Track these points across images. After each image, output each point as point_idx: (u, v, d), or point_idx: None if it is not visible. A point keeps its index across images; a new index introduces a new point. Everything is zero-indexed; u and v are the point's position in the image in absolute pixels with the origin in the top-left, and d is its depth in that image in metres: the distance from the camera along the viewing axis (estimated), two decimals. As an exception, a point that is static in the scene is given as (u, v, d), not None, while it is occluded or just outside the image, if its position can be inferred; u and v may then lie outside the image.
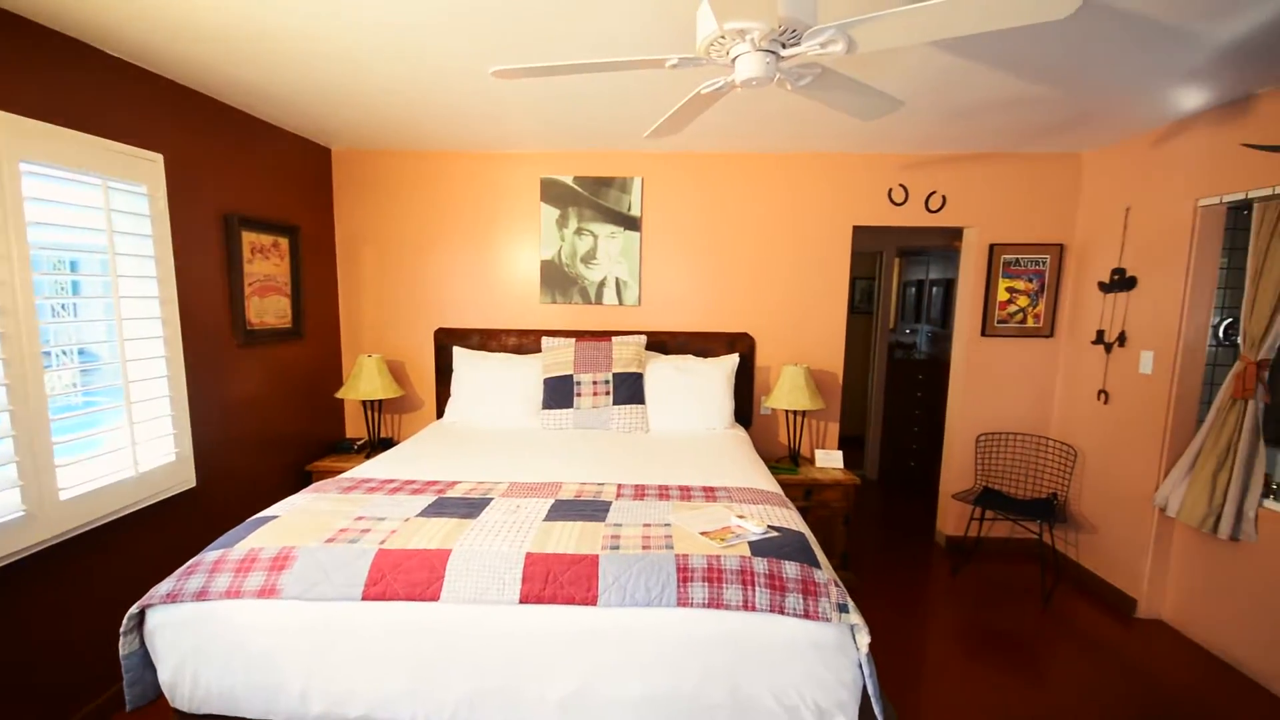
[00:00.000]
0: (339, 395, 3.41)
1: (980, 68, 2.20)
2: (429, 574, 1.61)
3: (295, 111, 2.87)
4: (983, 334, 3.60)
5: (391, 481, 2.25)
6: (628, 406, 3.13)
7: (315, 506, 1.98)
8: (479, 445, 2.80)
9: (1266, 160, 2.40)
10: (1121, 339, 3.12)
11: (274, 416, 3.12)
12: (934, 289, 5.86)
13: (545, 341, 3.35)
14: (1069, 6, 1.12)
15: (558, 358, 3.24)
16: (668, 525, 1.85)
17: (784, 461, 3.46)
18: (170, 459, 2.39)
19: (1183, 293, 2.77)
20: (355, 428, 3.80)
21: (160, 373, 2.36)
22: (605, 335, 3.46)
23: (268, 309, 3.03)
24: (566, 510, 1.97)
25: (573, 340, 3.31)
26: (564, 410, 3.14)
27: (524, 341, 3.62)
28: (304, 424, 3.39)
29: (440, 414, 3.64)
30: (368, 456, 3.36)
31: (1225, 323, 2.85)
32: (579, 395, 3.15)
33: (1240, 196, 2.51)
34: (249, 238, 2.86)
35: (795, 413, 3.51)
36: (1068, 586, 3.29)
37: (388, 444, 3.55)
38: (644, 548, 1.69)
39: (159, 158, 2.33)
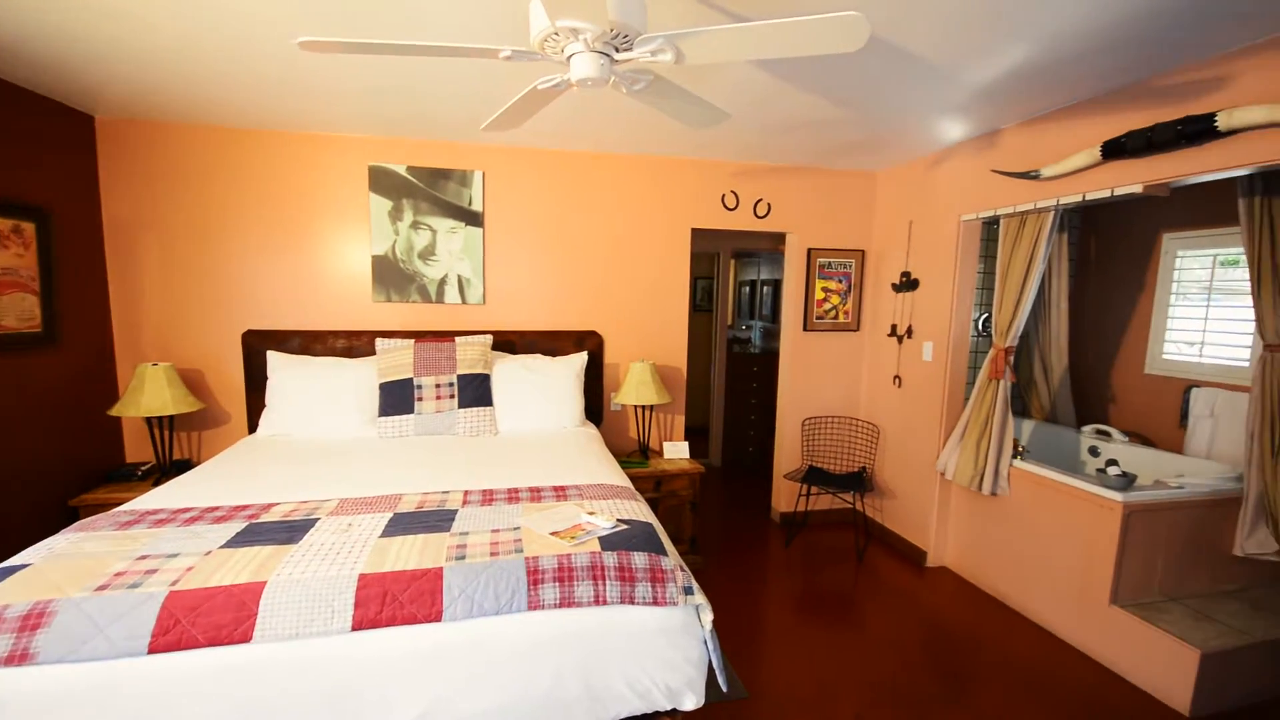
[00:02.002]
0: (113, 413, 2.84)
1: (793, 89, 2.44)
2: (237, 613, 1.41)
3: (42, 67, 2.34)
4: (804, 329, 4.01)
5: (188, 510, 1.93)
6: (474, 409, 3.01)
7: (82, 549, 1.63)
8: (302, 461, 2.51)
9: (1010, 184, 2.96)
10: (909, 332, 3.66)
11: (19, 442, 2.53)
12: (765, 288, 6.40)
13: (380, 343, 3.10)
14: (857, 42, 1.28)
15: (395, 360, 3.02)
16: (517, 529, 1.81)
17: (634, 455, 3.56)
18: None
19: (952, 293, 3.32)
20: (139, 450, 3.20)
21: None
22: (448, 335, 3.29)
23: (6, 309, 2.44)
24: (407, 523, 1.84)
25: (411, 341, 3.10)
26: (404, 416, 2.93)
27: (355, 344, 3.31)
28: (65, 449, 2.79)
29: (253, 428, 3.21)
30: (157, 483, 2.85)
31: (983, 317, 3.47)
32: (420, 400, 2.96)
33: (991, 213, 3.06)
34: (-27, 221, 2.28)
35: (644, 407, 3.63)
36: (876, 546, 3.79)
37: (185, 467, 3.04)
38: (492, 555, 1.64)
39: None
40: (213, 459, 2.58)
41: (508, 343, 3.49)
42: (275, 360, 3.02)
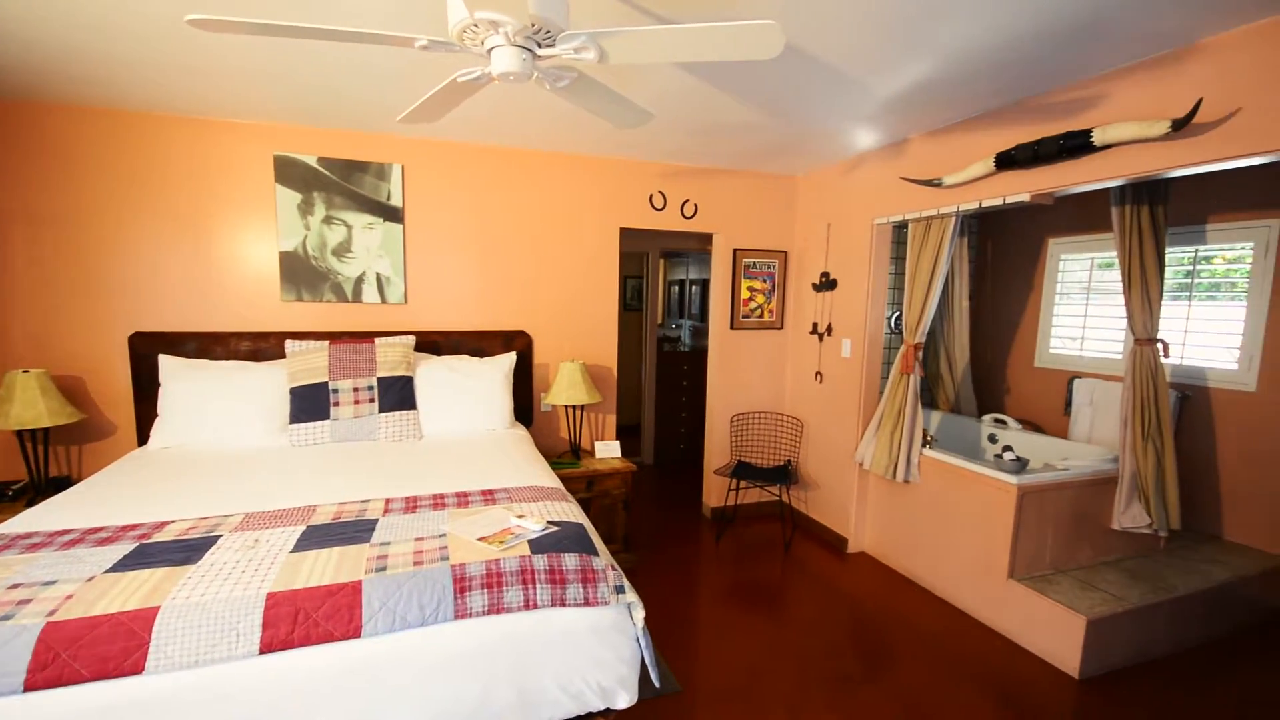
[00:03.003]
0: (-25, 427, 2.52)
1: (717, 92, 2.49)
2: (127, 642, 1.28)
3: None
4: (731, 327, 4.11)
5: (67, 533, 1.74)
6: (397, 413, 2.88)
7: (-69, 583, 1.44)
8: (201, 474, 2.31)
9: (916, 190, 3.15)
10: (829, 330, 3.83)
11: None
12: (693, 288, 6.52)
13: (290, 345, 2.91)
14: (773, 50, 1.33)
15: (307, 363, 2.84)
16: (443, 536, 1.75)
17: (566, 456, 3.53)
18: None
19: (867, 292, 3.50)
20: (9, 468, 2.86)
21: None
22: (367, 336, 3.13)
23: None
24: (322, 536, 1.73)
25: (326, 343, 2.93)
26: (319, 423, 2.77)
27: (262, 346, 3.09)
28: (-89, 471, 2.44)
29: (143, 440, 2.93)
30: (30, 504, 2.55)
31: (895, 316, 3.68)
32: (337, 404, 2.81)
33: (900, 218, 3.25)
34: None
35: (575, 407, 3.61)
36: (801, 535, 3.94)
37: (64, 485, 2.74)
38: (416, 564, 1.57)
39: None
40: (96, 475, 2.33)
41: (432, 344, 3.37)
42: (168, 365, 2.77)
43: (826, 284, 3.82)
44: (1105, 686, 2.41)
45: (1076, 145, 2.27)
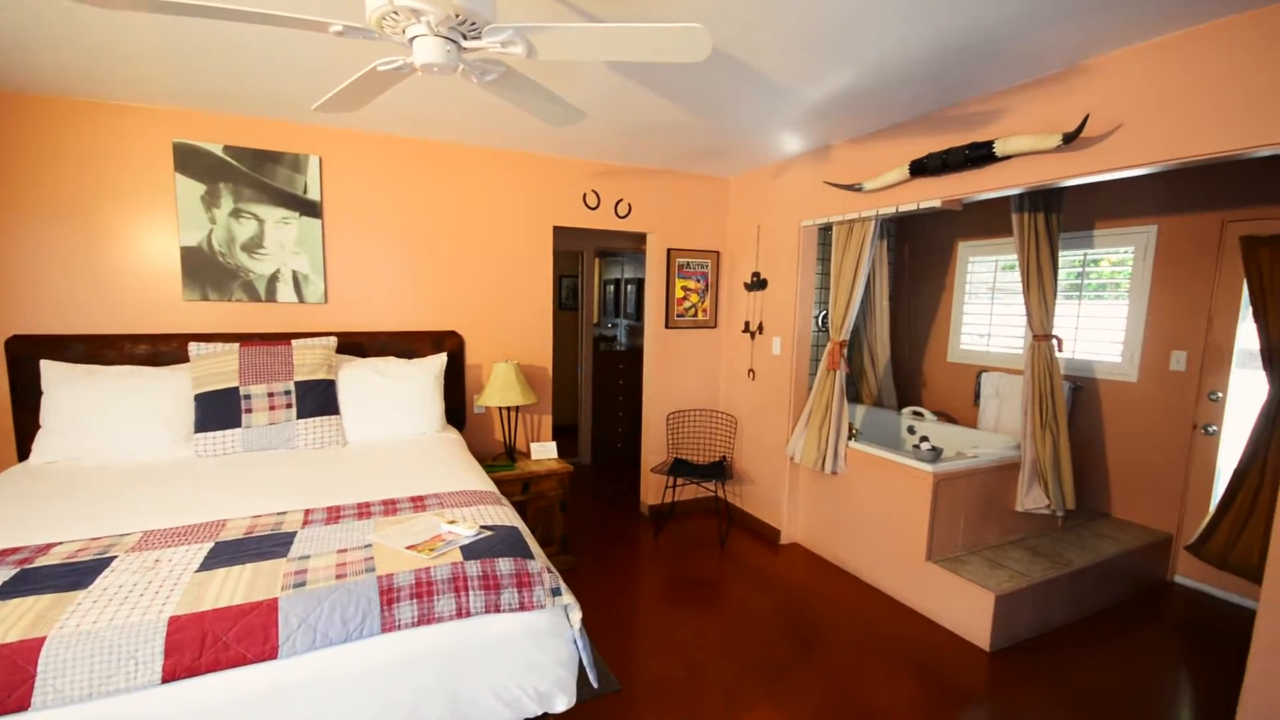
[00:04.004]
0: None
1: (649, 93, 2.51)
2: (9, 676, 1.16)
3: None
4: (666, 326, 4.15)
5: (-76, 562, 1.54)
6: (317, 419, 2.73)
7: None
8: (93, 491, 2.11)
9: (840, 194, 3.28)
10: (760, 328, 3.94)
11: None
12: (629, 287, 6.53)
13: (194, 348, 2.69)
14: (700, 54, 1.35)
15: (215, 367, 2.64)
16: (368, 546, 1.67)
17: (501, 458, 3.46)
18: None
19: (795, 292, 3.63)
20: None
21: None
22: (283, 338, 2.95)
23: None
24: (233, 553, 1.62)
25: (236, 345, 2.74)
26: (229, 431, 2.58)
27: (162, 349, 2.85)
28: None
29: (24, 455, 2.64)
30: (-121, 532, 2.24)
31: (822, 314, 3.83)
32: (250, 411, 2.63)
33: (825, 220, 3.38)
34: None
35: (509, 409, 3.53)
36: (737, 529, 4.03)
37: (-78, 508, 2.43)
38: (339, 577, 1.50)
39: None
40: (-38, 496, 2.08)
41: (356, 345, 3.21)
42: (52, 371, 2.51)
43: (757, 284, 3.92)
44: (1013, 656, 2.60)
45: (981, 155, 2.44)
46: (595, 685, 1.76)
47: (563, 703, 1.65)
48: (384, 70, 1.51)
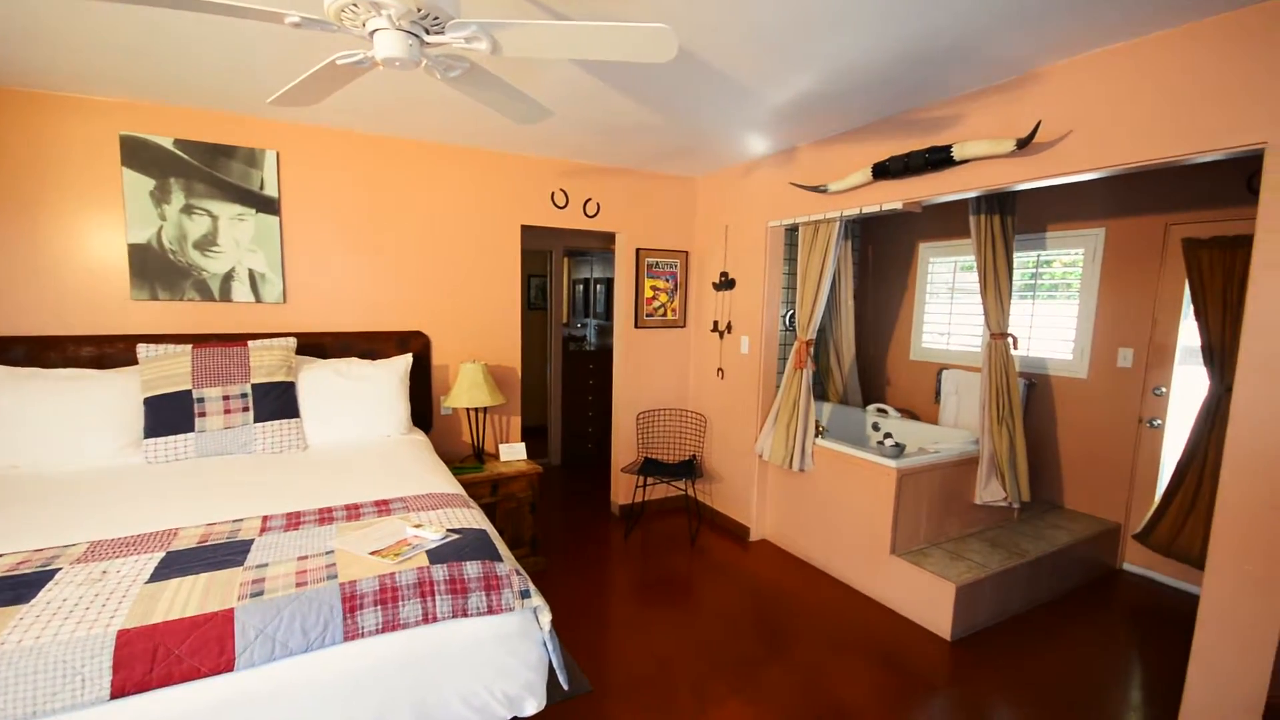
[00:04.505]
0: None
1: (617, 93, 2.51)
2: (-67, 703, 1.09)
3: None
4: (636, 326, 4.15)
5: None
6: (276, 422, 2.65)
7: None
8: (34, 500, 2.00)
9: (805, 195, 3.33)
10: (729, 327, 3.97)
11: None
12: (598, 286, 6.52)
13: (143, 350, 2.58)
14: (667, 54, 1.35)
15: (166, 370, 2.54)
16: (330, 552, 1.63)
17: (469, 460, 3.41)
18: None
19: (763, 291, 3.67)
20: None
21: None
22: (239, 339, 2.85)
23: None
24: (186, 562, 1.56)
25: (189, 347, 2.63)
26: (182, 436, 2.48)
27: (108, 351, 2.73)
28: None
29: (-43, 464, 2.49)
30: None
31: (789, 314, 3.88)
32: (204, 415, 2.53)
33: (792, 221, 3.43)
34: None
35: (477, 410, 3.49)
36: (706, 528, 4.06)
37: None
38: (299, 585, 1.45)
39: None
40: (-113, 508, 1.95)
41: (317, 346, 3.13)
42: (-12, 375, 2.38)
43: (726, 283, 3.96)
44: (972, 644, 2.68)
45: (940, 159, 2.50)
46: (566, 687, 1.75)
47: (532, 706, 1.64)
48: (343, 64, 1.47)
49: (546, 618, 1.64)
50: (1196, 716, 1.91)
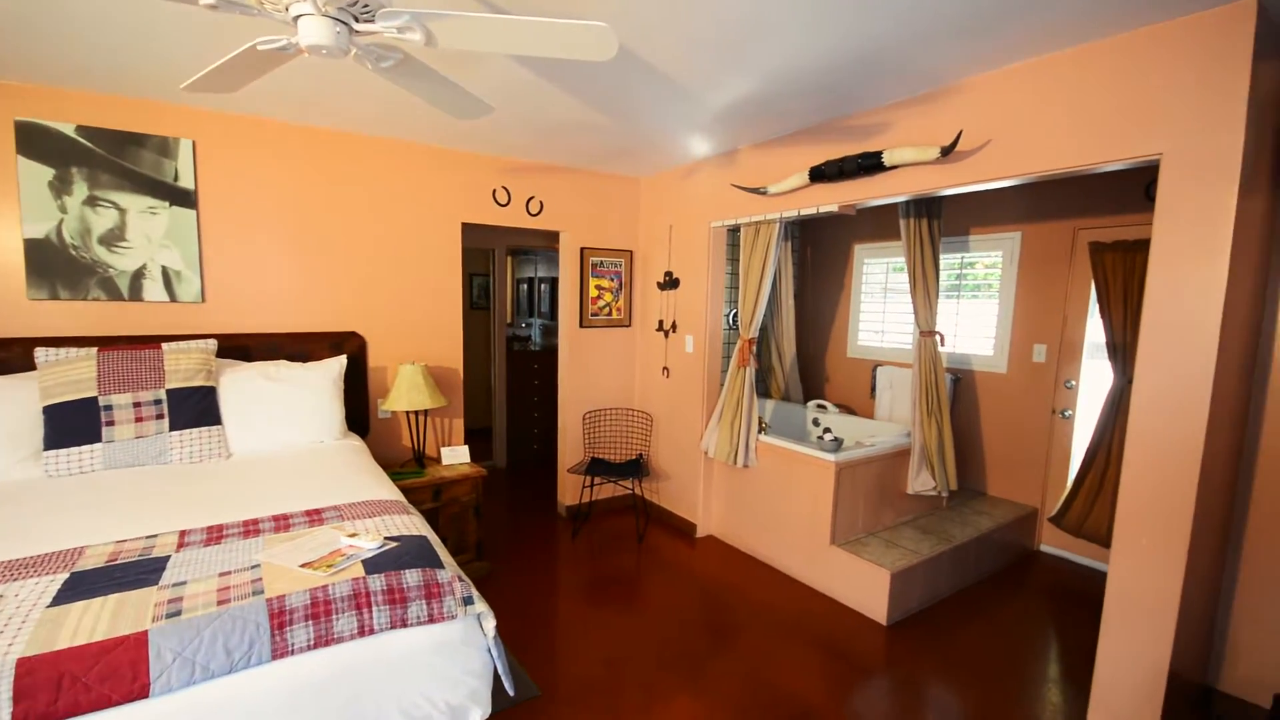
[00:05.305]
0: None
1: (558, 91, 2.48)
2: None
3: None
4: (581, 325, 4.13)
5: None
6: (194, 430, 2.48)
7: None
8: (-91, 521, 1.80)
9: (746, 197, 3.40)
10: (674, 326, 4.01)
11: None
12: (543, 285, 6.44)
13: (41, 354, 2.37)
14: (607, 52, 1.35)
15: (67, 375, 2.33)
16: (256, 566, 1.54)
17: (409, 465, 3.30)
18: None
19: (706, 291, 3.72)
20: None
21: None
22: (152, 341, 2.66)
23: None
24: (93, 583, 1.44)
25: (94, 350, 2.43)
26: (86, 447, 2.29)
27: (1, 356, 2.48)
28: None
29: None
30: None
31: (732, 313, 3.95)
32: (111, 424, 2.34)
33: (734, 222, 3.49)
34: None
35: (417, 413, 3.38)
36: (654, 526, 4.08)
37: None
38: (221, 603, 1.37)
39: None
40: None
41: (241, 348, 2.95)
42: None
43: (670, 283, 3.99)
44: (906, 628, 2.81)
45: (871, 164, 2.61)
46: (511, 693, 1.72)
47: (477, 714, 1.60)
48: (265, 50, 1.39)
49: (490, 624, 1.61)
50: (1107, 685, 2.07)
